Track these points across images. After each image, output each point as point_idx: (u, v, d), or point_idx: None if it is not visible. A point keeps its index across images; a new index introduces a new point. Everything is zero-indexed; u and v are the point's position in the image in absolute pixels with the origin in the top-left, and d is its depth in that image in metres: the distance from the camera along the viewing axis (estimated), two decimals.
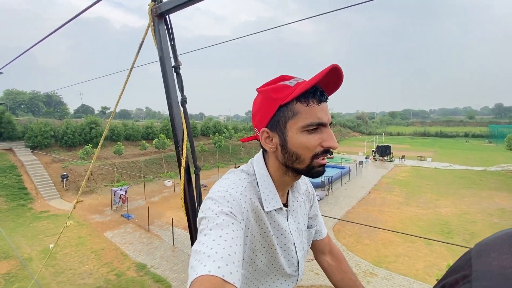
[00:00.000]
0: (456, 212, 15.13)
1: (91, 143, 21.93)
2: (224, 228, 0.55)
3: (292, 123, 0.66)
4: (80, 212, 15.24)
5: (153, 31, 1.01)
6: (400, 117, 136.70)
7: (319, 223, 0.98)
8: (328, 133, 0.66)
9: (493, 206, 16.11)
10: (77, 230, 13.02)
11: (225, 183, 0.69)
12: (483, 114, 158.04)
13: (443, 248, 11.01)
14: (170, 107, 1.02)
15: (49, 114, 42.35)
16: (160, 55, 1.01)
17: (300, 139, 0.65)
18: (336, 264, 0.99)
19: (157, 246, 11.43)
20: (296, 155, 0.67)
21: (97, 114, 75.44)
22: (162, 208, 15.93)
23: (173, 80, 1.03)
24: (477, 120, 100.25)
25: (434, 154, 37.80)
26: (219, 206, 0.60)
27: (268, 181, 0.73)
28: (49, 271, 9.74)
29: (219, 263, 0.47)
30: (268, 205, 0.72)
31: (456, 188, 20.09)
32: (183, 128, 1.04)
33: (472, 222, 13.74)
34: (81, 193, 1.65)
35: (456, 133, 64.13)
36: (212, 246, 0.51)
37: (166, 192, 19.34)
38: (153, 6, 1.00)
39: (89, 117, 24.67)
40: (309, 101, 0.64)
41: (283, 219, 0.77)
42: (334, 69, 0.61)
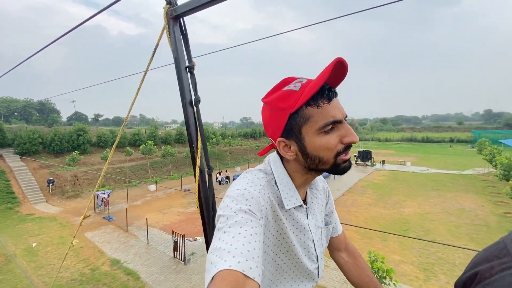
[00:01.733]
0: (419, 212, 16.22)
1: (78, 149, 22.79)
2: (243, 225, 0.55)
3: (307, 128, 0.64)
4: (64, 215, 16.05)
5: (168, 33, 1.03)
6: (392, 123, 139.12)
7: (335, 219, 0.97)
8: (346, 129, 0.64)
9: (454, 206, 17.24)
10: (60, 231, 13.83)
11: (244, 182, 0.69)
12: (474, 120, 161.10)
13: (396, 243, 12.05)
14: (184, 107, 1.04)
15: (38, 121, 43.00)
16: (175, 56, 1.03)
17: (319, 142, 0.64)
18: (352, 261, 0.99)
19: (132, 244, 12.28)
20: (318, 158, 0.66)
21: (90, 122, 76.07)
22: (143, 211, 16.76)
23: (187, 80, 1.05)
24: (465, 126, 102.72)
25: (415, 159, 39.17)
26: (238, 204, 0.61)
27: (286, 179, 0.73)
28: (30, 266, 10.57)
29: (239, 258, 0.48)
30: (288, 203, 0.71)
31: (425, 190, 21.24)
32: (197, 128, 1.05)
33: (431, 221, 14.82)
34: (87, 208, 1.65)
35: (442, 138, 65.97)
36: (231, 242, 0.51)
37: (149, 196, 20.19)
38: (169, 9, 1.02)
39: (77, 124, 25.55)
40: (319, 102, 0.63)
41: (302, 216, 0.77)
42: (339, 63, 0.59)
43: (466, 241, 12.22)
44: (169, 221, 14.91)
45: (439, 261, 10.40)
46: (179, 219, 15.35)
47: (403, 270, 9.86)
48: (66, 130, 24.27)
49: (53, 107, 79.52)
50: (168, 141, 31.59)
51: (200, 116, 1.05)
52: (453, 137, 64.82)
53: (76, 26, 1.55)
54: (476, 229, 13.41)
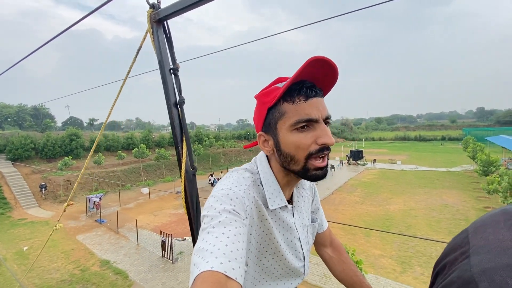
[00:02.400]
0: (403, 208, 16.72)
1: (71, 154, 23.01)
2: (226, 225, 0.55)
3: (281, 124, 0.65)
4: (56, 218, 16.26)
5: (152, 36, 1.03)
6: (387, 123, 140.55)
7: (320, 215, 0.98)
8: (322, 129, 0.63)
9: (438, 202, 17.78)
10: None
11: (229, 182, 0.69)
12: (467, 118, 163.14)
13: (378, 239, 12.51)
14: (169, 109, 1.04)
15: (30, 127, 43.06)
16: (159, 59, 1.03)
17: (291, 139, 0.64)
18: (337, 256, 1.01)
19: (123, 245, 12.60)
20: (289, 156, 0.66)
21: (86, 126, 75.88)
22: (135, 213, 17.04)
23: (171, 82, 1.05)
24: (458, 124, 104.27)
25: (406, 157, 39.84)
26: (222, 204, 0.60)
27: (271, 179, 0.72)
28: (21, 269, 10.84)
29: (222, 259, 0.48)
30: (273, 203, 0.71)
31: (412, 187, 21.79)
32: (182, 129, 1.05)
33: (414, 216, 15.32)
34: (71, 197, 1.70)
35: (434, 137, 66.94)
36: (214, 243, 0.51)
37: (141, 199, 20.48)
38: (152, 13, 1.02)
39: (69, 129, 25.77)
40: (295, 99, 0.63)
41: (288, 216, 0.76)
42: (316, 61, 0.59)
43: (445, 234, 12.71)
44: (160, 223, 15.23)
45: (416, 254, 10.87)
46: (170, 220, 15.68)
47: (382, 263, 10.31)
48: (59, 135, 24.50)
49: (47, 112, 79.16)
50: (161, 144, 31.90)
51: (184, 117, 1.06)
52: (445, 135, 65.81)
53: (68, 28, 1.53)
54: (455, 223, 13.92)
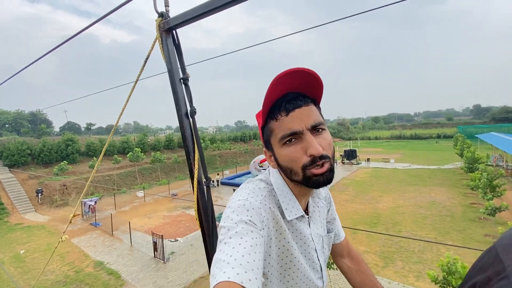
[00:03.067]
0: (392, 206, 17.13)
1: (67, 159, 23.36)
2: (243, 236, 0.56)
3: (273, 141, 0.69)
4: (52, 223, 16.64)
5: (161, 45, 1.03)
6: (384, 122, 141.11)
7: (337, 226, 0.98)
8: (307, 141, 0.64)
9: (427, 199, 18.20)
10: (47, 238, 14.44)
11: (245, 192, 0.70)
12: (464, 115, 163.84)
13: (364, 236, 12.90)
14: (180, 119, 1.03)
15: (27, 133, 43.36)
16: (168, 69, 1.03)
17: (283, 153, 0.66)
18: (355, 267, 0.99)
19: (116, 247, 12.95)
20: (288, 168, 0.67)
21: (84, 131, 76.14)
22: (129, 216, 17.40)
23: (182, 92, 1.05)
24: (454, 122, 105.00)
25: (400, 155, 40.31)
26: (238, 215, 0.61)
27: (286, 190, 0.73)
28: (17, 271, 11.20)
29: (238, 270, 0.48)
30: (290, 214, 0.72)
31: (403, 185, 22.22)
32: (193, 139, 1.04)
33: (401, 213, 15.73)
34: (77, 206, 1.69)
35: (429, 135, 67.49)
36: (231, 253, 0.52)
37: (136, 202, 20.83)
38: (161, 22, 1.03)
39: (65, 135, 26.12)
40: (277, 116, 0.65)
41: (305, 226, 0.77)
42: (281, 79, 0.61)
43: (429, 230, 13.12)
44: (154, 225, 15.59)
45: (400, 250, 11.27)
46: (164, 222, 16.04)
47: (366, 258, 10.70)
48: (55, 141, 24.86)
49: (45, 117, 79.30)
50: (157, 148, 32.26)
51: (196, 128, 1.05)
52: (440, 133, 66.34)
53: (71, 37, 1.53)
54: (440, 220, 14.33)
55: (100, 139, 28.57)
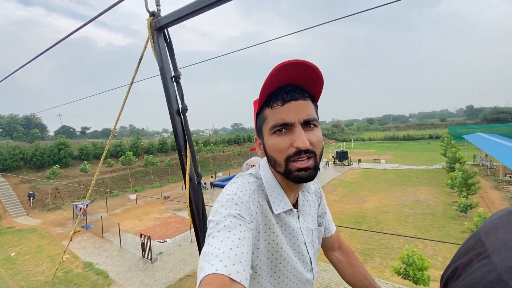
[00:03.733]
0: (377, 205, 17.60)
1: (60, 163, 23.55)
2: (231, 229, 0.57)
3: (264, 128, 0.70)
4: (43, 226, 16.85)
5: (153, 44, 1.04)
6: (379, 123, 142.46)
7: (328, 220, 0.99)
8: (297, 133, 0.64)
9: (412, 198, 18.71)
10: (38, 241, 14.66)
11: (234, 187, 0.71)
12: (458, 116, 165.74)
13: (347, 234, 13.33)
14: (172, 117, 1.04)
15: (19, 138, 43.37)
16: (160, 67, 1.04)
17: (271, 142, 0.67)
18: (346, 259, 1.01)
19: (106, 248, 13.23)
20: (273, 158, 0.69)
21: (78, 135, 75.88)
22: (121, 219, 17.65)
23: (173, 90, 1.05)
24: (447, 122, 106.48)
25: (392, 156, 40.97)
26: (227, 209, 0.62)
27: (274, 184, 0.74)
28: (8, 273, 11.43)
29: (226, 262, 0.49)
30: (277, 208, 0.72)
31: (390, 185, 22.75)
32: (185, 137, 1.05)
33: (385, 212, 16.20)
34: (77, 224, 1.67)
35: (422, 135, 68.48)
36: (219, 247, 0.52)
37: (128, 205, 21.08)
38: (152, 21, 1.04)
39: (58, 139, 26.31)
40: (273, 104, 0.66)
41: (294, 220, 0.77)
42: (291, 65, 0.61)
43: (410, 228, 13.59)
44: (144, 226, 15.87)
45: (380, 247, 11.71)
46: (154, 224, 16.33)
47: None
48: (47, 145, 25.04)
49: (39, 121, 78.90)
50: (150, 151, 32.53)
51: (187, 125, 1.06)
52: (433, 134, 67.35)
53: (63, 38, 1.52)
54: (422, 218, 14.81)
55: (93, 143, 28.79)
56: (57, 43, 1.63)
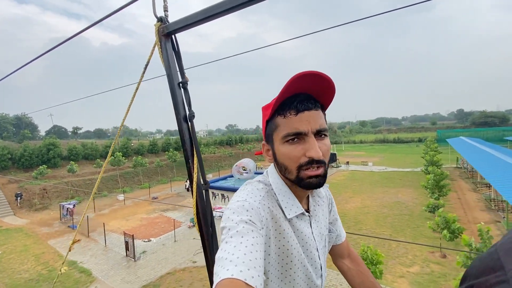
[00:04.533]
0: (359, 206, 18.20)
1: (48, 163, 23.64)
2: (244, 235, 0.57)
3: (276, 136, 0.70)
4: (30, 226, 17.00)
5: (160, 49, 1.05)
6: (372, 126, 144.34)
7: (339, 227, 0.99)
8: (310, 143, 0.66)
9: (392, 199, 19.37)
10: (24, 240, 14.85)
11: (243, 194, 0.72)
12: (449, 119, 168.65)
13: None
14: (179, 123, 1.04)
15: (8, 138, 43.06)
16: (168, 73, 1.05)
17: (283, 150, 0.68)
18: (355, 268, 1.00)
19: (91, 247, 13.52)
20: (284, 166, 0.69)
21: (70, 135, 75.25)
22: (108, 219, 17.91)
23: (181, 96, 1.05)
24: (437, 126, 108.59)
25: (380, 159, 41.85)
26: (239, 216, 0.63)
27: (284, 189, 0.75)
28: None
29: (241, 267, 0.49)
30: (290, 212, 0.73)
31: (374, 187, 23.42)
32: (192, 144, 1.05)
33: (366, 213, 16.79)
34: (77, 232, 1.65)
35: (411, 138, 69.83)
36: (233, 252, 0.53)
37: (116, 205, 21.32)
38: (160, 26, 1.04)
39: (46, 139, 26.37)
40: (286, 113, 0.67)
41: (306, 225, 0.78)
42: (305, 76, 0.63)
43: (387, 228, 14.19)
44: (131, 226, 16.16)
45: (355, 247, 12.23)
46: (140, 224, 16.64)
47: None
48: (36, 146, 25.09)
49: (30, 121, 77.97)
50: (141, 152, 32.71)
51: (194, 132, 1.06)
52: (422, 137, 68.71)
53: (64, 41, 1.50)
54: (399, 218, 15.44)
55: (83, 144, 28.89)
56: (58, 45, 1.57)
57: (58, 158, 25.31)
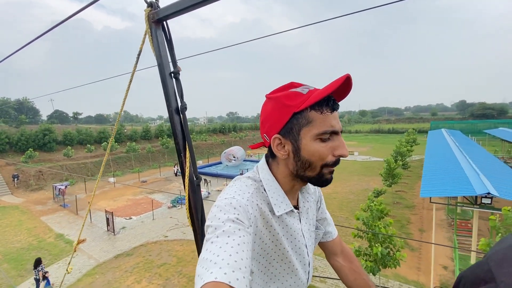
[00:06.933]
0: (329, 192, 19.53)
1: (44, 148, 25.18)
2: (230, 235, 0.56)
3: (306, 131, 0.66)
4: (26, 204, 18.65)
5: (150, 37, 0.98)
6: (372, 115, 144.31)
7: (329, 224, 0.98)
8: (340, 141, 0.67)
9: (362, 187, 20.69)
10: (19, 216, 16.49)
11: (232, 190, 0.70)
12: (452, 110, 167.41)
13: None
14: (170, 115, 1.00)
15: (6, 122, 44.66)
16: (159, 62, 0.99)
17: (314, 147, 0.66)
18: (348, 265, 1.00)
19: (78, 223, 15.09)
20: (308, 162, 0.67)
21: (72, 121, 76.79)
22: (97, 199, 19.45)
23: (172, 86, 1.00)
24: (437, 116, 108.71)
25: (368, 149, 42.95)
26: (226, 214, 0.61)
27: (275, 185, 0.74)
28: None
29: (226, 270, 0.48)
30: (279, 209, 0.72)
31: (351, 175, 24.71)
32: (184, 136, 1.02)
33: (333, 199, 18.15)
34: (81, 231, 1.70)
35: (406, 129, 70.48)
36: (218, 253, 0.51)
37: (107, 187, 22.89)
38: (150, 12, 0.97)
39: (42, 124, 27.80)
40: (323, 109, 0.65)
41: (295, 222, 0.77)
42: (347, 79, 0.63)
43: (346, 212, 15.56)
44: (117, 206, 17.69)
45: None
46: (126, 205, 18.17)
47: None
48: (32, 131, 26.56)
49: (32, 106, 79.27)
50: (134, 138, 34.14)
51: (187, 124, 1.02)
52: (416, 128, 69.33)
53: (63, 21, 1.42)
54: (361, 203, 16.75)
55: (77, 129, 30.36)
56: (56, 26, 1.53)
57: (53, 142, 26.80)
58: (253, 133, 54.03)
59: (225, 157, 30.98)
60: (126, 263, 10.66)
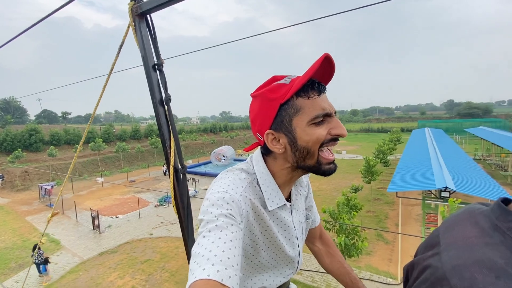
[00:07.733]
0: (315, 190, 19.89)
1: (30, 148, 24.97)
2: (223, 230, 0.55)
3: (298, 120, 0.65)
4: (11, 204, 18.59)
5: (134, 30, 1.00)
6: (363, 115, 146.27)
7: (314, 212, 1.00)
8: (336, 122, 0.65)
9: (346, 184, 21.20)
10: (4, 216, 16.47)
11: (225, 183, 0.68)
12: (441, 109, 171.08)
13: None
14: (155, 107, 1.01)
15: None
16: (142, 55, 1.00)
17: (310, 133, 0.64)
18: (325, 249, 1.06)
19: (64, 223, 15.19)
20: (307, 149, 0.66)
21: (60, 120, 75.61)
22: (84, 199, 19.52)
23: (156, 79, 1.02)
24: (426, 116, 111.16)
25: (356, 147, 43.85)
26: (218, 208, 0.60)
27: (269, 179, 0.73)
28: None
29: (218, 267, 0.48)
30: (272, 204, 0.72)
31: (337, 173, 24.66)
32: (169, 127, 1.03)
33: (317, 196, 18.65)
34: (55, 206, 1.69)
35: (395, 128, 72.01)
36: (211, 248, 0.51)
37: (95, 187, 22.92)
38: (133, 6, 0.98)
39: (29, 124, 27.58)
40: (309, 94, 0.64)
41: (287, 215, 0.77)
42: (327, 59, 0.61)
43: None
44: (104, 205, 17.80)
45: None
46: (113, 204, 18.30)
47: None
48: (18, 131, 26.31)
49: (19, 105, 77.71)
50: (123, 138, 34.07)
51: (171, 115, 1.03)
52: (404, 127, 70.90)
53: (49, 14, 1.39)
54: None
55: (65, 129, 30.15)
56: (40, 21, 1.51)
57: (40, 143, 26.60)
58: (244, 132, 54.39)
59: (215, 157, 31.25)
60: (110, 260, 10.89)
